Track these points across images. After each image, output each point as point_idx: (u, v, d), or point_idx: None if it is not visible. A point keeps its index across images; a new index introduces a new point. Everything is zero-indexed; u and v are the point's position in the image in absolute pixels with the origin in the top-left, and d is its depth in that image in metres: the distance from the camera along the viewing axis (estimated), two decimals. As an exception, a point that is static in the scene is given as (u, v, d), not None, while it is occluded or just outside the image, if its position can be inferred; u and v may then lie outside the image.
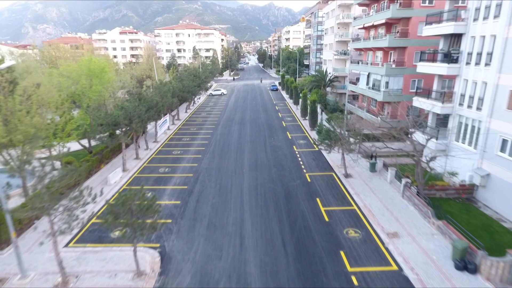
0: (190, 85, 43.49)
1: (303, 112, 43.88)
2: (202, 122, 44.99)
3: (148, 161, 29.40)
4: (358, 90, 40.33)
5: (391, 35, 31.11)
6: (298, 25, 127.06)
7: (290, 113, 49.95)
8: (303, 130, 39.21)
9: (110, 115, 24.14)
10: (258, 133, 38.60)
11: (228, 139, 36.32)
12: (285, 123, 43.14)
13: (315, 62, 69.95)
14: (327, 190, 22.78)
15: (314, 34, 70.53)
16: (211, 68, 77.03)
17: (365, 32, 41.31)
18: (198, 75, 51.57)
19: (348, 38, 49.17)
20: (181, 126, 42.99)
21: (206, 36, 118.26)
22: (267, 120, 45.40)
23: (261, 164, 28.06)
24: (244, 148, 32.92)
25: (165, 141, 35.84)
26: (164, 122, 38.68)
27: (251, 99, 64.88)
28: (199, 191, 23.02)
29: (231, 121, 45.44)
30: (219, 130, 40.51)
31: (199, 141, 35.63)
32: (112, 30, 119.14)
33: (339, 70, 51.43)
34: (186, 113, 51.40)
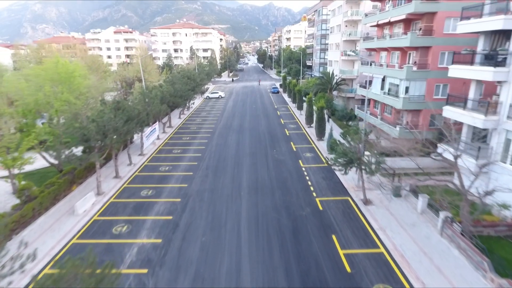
0: (183, 89, 39.15)
1: (308, 119, 39.57)
2: (196, 130, 40.64)
3: (129, 180, 25.05)
4: (370, 95, 35.99)
5: (413, 33, 26.81)
6: (299, 25, 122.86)
7: (294, 119, 45.63)
8: (309, 141, 34.88)
9: (79, 129, 19.79)
10: (258, 143, 34.27)
11: (224, 151, 32.00)
12: (288, 131, 38.83)
13: (319, 63, 65.66)
14: (344, 222, 18.47)
15: (317, 33, 66.25)
16: (208, 70, 72.68)
17: (378, 30, 37.01)
18: (193, 78, 47.23)
19: (357, 37, 44.90)
20: (172, 134, 38.64)
21: (204, 35, 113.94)
22: (269, 127, 41.07)
23: (262, 185, 23.74)
24: (242, 162, 28.60)
25: (152, 153, 31.49)
26: (153, 132, 34.36)
27: (251, 102, 60.55)
28: (186, 223, 18.68)
29: (228, 128, 41.10)
30: (215, 139, 36.18)
31: (192, 154, 31.30)
32: (106, 30, 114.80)
33: (347, 72, 47.14)
34: (180, 118, 47.08)
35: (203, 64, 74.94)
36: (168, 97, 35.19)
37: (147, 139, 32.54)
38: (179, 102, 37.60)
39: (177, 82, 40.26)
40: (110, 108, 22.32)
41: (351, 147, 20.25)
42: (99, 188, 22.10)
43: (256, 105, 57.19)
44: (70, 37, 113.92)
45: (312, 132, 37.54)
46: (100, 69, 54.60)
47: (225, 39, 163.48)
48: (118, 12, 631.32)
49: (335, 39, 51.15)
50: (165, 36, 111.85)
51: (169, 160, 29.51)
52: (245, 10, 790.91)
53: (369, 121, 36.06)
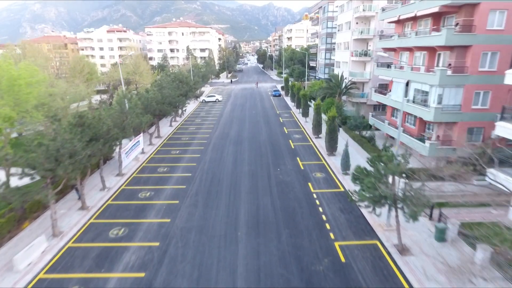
0: (172, 95, 34.13)
1: (316, 128, 34.63)
2: (188, 141, 35.66)
3: (99, 212, 20.09)
4: (388, 102, 31.11)
5: (449, 29, 21.87)
6: (301, 23, 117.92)
7: (298, 127, 40.65)
8: (318, 156, 29.91)
9: (24, 153, 14.85)
10: (259, 159, 29.31)
11: (219, 169, 27.02)
12: (293, 143, 33.87)
13: (324, 64, 60.72)
14: (377, 283, 13.52)
15: (322, 32, 61.28)
16: (205, 71, 67.66)
17: (397, 27, 32.09)
18: (186, 81, 42.23)
19: (370, 35, 39.95)
20: (160, 147, 33.66)
21: (201, 35, 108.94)
22: (270, 137, 36.10)
23: (264, 220, 18.80)
24: (240, 185, 23.64)
25: (133, 173, 26.50)
26: (136, 145, 29.39)
27: (250, 107, 55.56)
28: (162, 285, 13.73)
29: (224, 139, 36.12)
30: (209, 153, 31.20)
31: (180, 173, 26.32)
32: (99, 28, 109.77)
33: (358, 74, 42.20)
34: (171, 126, 42.08)
35: (199, 65, 69.95)
36: (154, 105, 30.21)
37: (128, 155, 27.56)
38: (168, 111, 32.56)
39: (166, 87, 35.26)
40: (68, 125, 17.33)
41: (383, 179, 15.26)
42: (55, 228, 17.13)
43: (256, 110, 52.21)
44: (61, 36, 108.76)
45: (321, 145, 32.60)
46: (84, 71, 49.60)
47: (224, 39, 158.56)
48: (118, 12, 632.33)
49: (343, 37, 46.20)
50: (160, 36, 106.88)
51: (151, 183, 24.52)
52: (245, 10, 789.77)
53: (387, 132, 31.14)
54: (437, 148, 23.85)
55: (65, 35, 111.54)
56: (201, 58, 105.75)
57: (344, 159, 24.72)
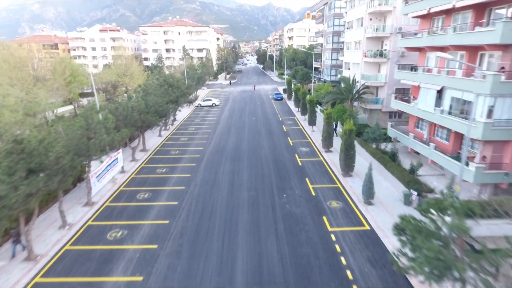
0: (159, 102, 29.15)
1: (327, 141, 29.74)
2: (177, 156, 30.71)
3: (50, 264, 15.17)
4: (414, 111, 26.21)
5: (507, 23, 16.97)
6: (302, 22, 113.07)
7: (305, 137, 35.73)
8: (331, 176, 24.96)
9: None
10: (261, 180, 24.38)
11: (212, 196, 22.09)
12: (300, 158, 28.96)
13: (330, 65, 55.82)
14: None
15: (328, 30, 56.39)
16: (201, 73, 62.73)
17: (423, 23, 27.22)
18: (177, 85, 37.27)
19: (386, 32, 35.05)
20: (144, 163, 28.70)
21: (199, 34, 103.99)
22: (274, 151, 31.18)
23: (269, 279, 13.88)
24: (237, 221, 18.73)
25: (106, 201, 21.55)
26: (113, 164, 24.46)
27: (250, 112, 50.64)
28: None
29: (220, 153, 31.19)
30: (201, 173, 26.26)
31: (164, 201, 21.38)
32: (91, 27, 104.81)
33: (371, 77, 37.32)
34: (161, 136, 37.11)
35: (195, 66, 65.03)
36: (135, 115, 25.26)
37: (101, 178, 22.62)
38: (153, 121, 27.57)
39: (152, 93, 30.31)
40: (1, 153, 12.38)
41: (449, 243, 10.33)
42: (-23, 299, 12.23)
43: (256, 117, 47.27)
44: (52, 36, 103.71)
45: (333, 161, 27.70)
46: (66, 73, 44.62)
47: (222, 39, 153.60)
48: (117, 12, 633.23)
49: (354, 36, 41.29)
50: (156, 35, 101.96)
51: (127, 215, 19.58)
52: (244, 10, 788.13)
53: (412, 147, 26.20)
54: (483, 172, 18.97)
55: (55, 35, 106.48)
56: (198, 58, 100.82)
57: (367, 185, 19.80)
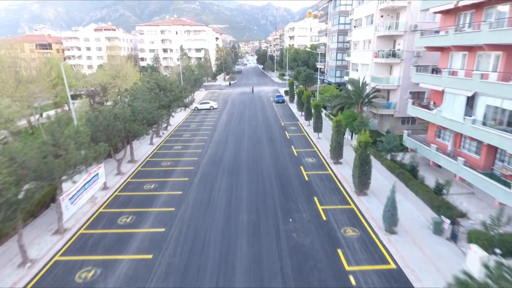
0: (148, 109, 25.90)
1: (336, 152, 26.55)
2: (169, 168, 27.48)
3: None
4: (437, 120, 23.01)
5: None
6: (304, 21, 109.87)
7: (310, 146, 32.52)
8: (342, 194, 21.76)
9: None
10: (262, 200, 21.18)
11: (205, 222, 18.87)
12: (306, 172, 25.76)
13: (335, 66, 52.63)
14: None
15: (333, 29, 53.18)
16: (198, 74, 59.49)
17: (445, 20, 24.07)
18: (170, 88, 34.04)
19: (400, 30, 31.86)
20: (131, 178, 25.45)
21: (197, 33, 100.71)
22: (277, 163, 27.96)
23: None
24: (234, 256, 15.51)
25: (80, 228, 18.31)
26: (93, 181, 21.24)
27: (250, 117, 47.44)
28: None
29: (217, 165, 27.97)
30: (193, 191, 23.04)
31: (149, 228, 18.16)
32: (86, 27, 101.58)
33: (383, 80, 34.14)
34: (152, 145, 33.90)
35: (192, 67, 61.77)
36: (118, 125, 22.04)
37: (76, 201, 19.40)
38: (140, 131, 24.31)
39: (141, 97, 27.09)
40: None
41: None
42: None
43: (256, 122, 44.06)
44: (45, 35, 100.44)
45: (344, 175, 24.51)
46: (52, 75, 41.37)
47: (221, 38, 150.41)
48: (116, 12, 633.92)
49: (363, 35, 38.10)
50: (152, 35, 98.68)
51: (102, 248, 16.34)
52: (244, 10, 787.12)
53: (435, 160, 23.00)
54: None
55: (49, 34, 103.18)
56: (196, 58, 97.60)
57: (390, 211, 16.58)
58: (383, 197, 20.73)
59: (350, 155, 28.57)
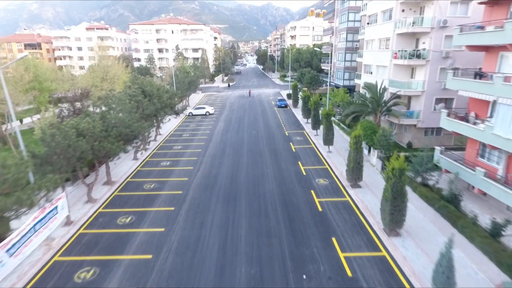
0: (125, 121, 21.18)
1: (354, 174, 21.86)
2: (152, 193, 22.74)
3: None
4: (485, 137, 18.32)
5: None
6: (306, 20, 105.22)
7: (320, 162, 27.80)
8: (369, 236, 17.04)
9: None
10: (267, 243, 16.46)
11: (190, 281, 14.16)
12: (318, 198, 21.07)
13: (344, 68, 47.99)
14: None
15: (341, 27, 48.54)
16: (193, 76, 54.76)
17: (490, 12, 19.43)
18: (157, 94, 29.34)
19: (426, 27, 27.19)
20: (102, 207, 20.69)
21: (194, 33, 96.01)
22: (282, 185, 23.26)
23: None
24: None
25: (27, 286, 13.68)
26: (48, 218, 16.51)
27: (250, 124, 42.75)
28: None
29: (210, 189, 23.26)
30: (179, 228, 18.32)
31: (116, 285, 13.52)
32: (78, 26, 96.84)
33: (403, 85, 29.47)
34: (136, 160, 29.19)
35: (186, 68, 57.03)
36: (83, 144, 17.32)
37: (22, 248, 14.66)
38: (112, 150, 19.57)
39: (118, 107, 22.34)
40: None
41: None
42: None
43: (257, 130, 39.36)
44: (35, 35, 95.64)
45: (366, 204, 19.85)
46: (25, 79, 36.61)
47: (220, 38, 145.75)
48: (115, 12, 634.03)
49: (379, 32, 33.44)
50: (147, 34, 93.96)
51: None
52: (244, 10, 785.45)
53: (485, 189, 18.28)
54: None
55: (39, 34, 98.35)
56: (193, 59, 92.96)
57: (445, 273, 11.82)
58: (422, 239, 16.09)
59: (368, 174, 23.98)
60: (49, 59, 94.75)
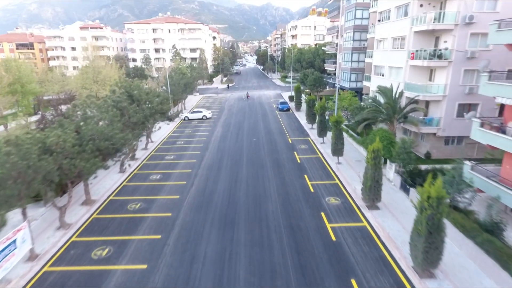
0: (105, 132, 18.06)
1: (372, 193, 18.77)
2: (136, 216, 19.59)
3: None
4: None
5: None
6: (307, 19, 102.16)
7: (329, 175, 24.69)
8: (395, 274, 13.95)
9: None
10: (270, 284, 13.39)
11: None
12: (330, 224, 17.98)
13: (350, 69, 44.92)
14: None
15: (347, 25, 45.45)
16: (189, 77, 51.63)
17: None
18: (147, 99, 26.24)
19: (449, 23, 24.11)
20: (76, 236, 17.52)
21: (192, 32, 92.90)
22: (287, 206, 20.16)
23: None
24: None
25: None
26: (3, 256, 13.39)
27: (249, 130, 39.66)
28: None
29: (204, 211, 20.15)
30: (164, 266, 15.15)
31: None
32: (71, 25, 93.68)
33: (420, 88, 26.38)
34: (122, 173, 26.06)
35: (182, 69, 53.89)
36: (46, 165, 14.21)
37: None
38: (86, 169, 16.44)
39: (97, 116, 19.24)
40: None
41: None
42: None
43: (258, 137, 36.27)
44: (27, 34, 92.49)
45: (389, 232, 16.76)
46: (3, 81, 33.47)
47: (219, 38, 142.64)
48: (115, 12, 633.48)
49: (393, 30, 30.37)
50: (143, 33, 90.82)
51: None
52: (243, 9, 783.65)
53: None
54: None
55: (31, 33, 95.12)
56: (191, 59, 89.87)
57: None
58: (463, 282, 13.03)
59: (386, 192, 20.85)
60: (42, 59, 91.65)
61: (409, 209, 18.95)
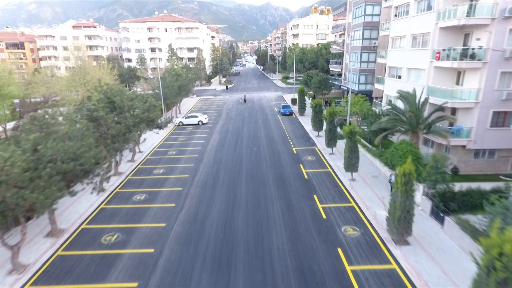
0: (71, 151, 14.50)
1: (402, 226, 15.15)
2: (110, 253, 15.95)
3: None
4: None
5: None
6: (309, 18, 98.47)
7: (343, 196, 21.06)
8: None
9: None
10: None
11: None
12: (351, 266, 14.37)
13: (359, 70, 41.30)
14: None
15: (356, 22, 41.82)
16: (185, 79, 47.96)
17: None
18: (132, 106, 22.61)
19: (484, 17, 20.51)
20: (37, 277, 13.94)
21: (189, 31, 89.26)
22: (295, 238, 16.54)
23: None
24: None
25: None
26: None
27: (250, 137, 36.02)
28: None
29: (194, 245, 16.51)
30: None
31: None
32: (64, 24, 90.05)
33: (447, 94, 22.78)
34: (102, 192, 22.41)
35: (177, 70, 50.19)
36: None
37: None
38: (39, 202, 12.80)
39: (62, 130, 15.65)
40: None
41: None
42: None
43: (259, 146, 32.64)
44: (18, 33, 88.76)
45: (426, 279, 13.13)
46: None
47: (218, 37, 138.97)
48: (114, 12, 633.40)
49: (413, 26, 26.76)
50: (138, 32, 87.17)
51: None
52: (243, 9, 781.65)
53: None
54: None
55: (22, 32, 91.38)
56: (189, 59, 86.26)
57: None
58: None
59: (414, 218, 17.11)
60: (33, 59, 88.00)
61: (445, 244, 15.43)
